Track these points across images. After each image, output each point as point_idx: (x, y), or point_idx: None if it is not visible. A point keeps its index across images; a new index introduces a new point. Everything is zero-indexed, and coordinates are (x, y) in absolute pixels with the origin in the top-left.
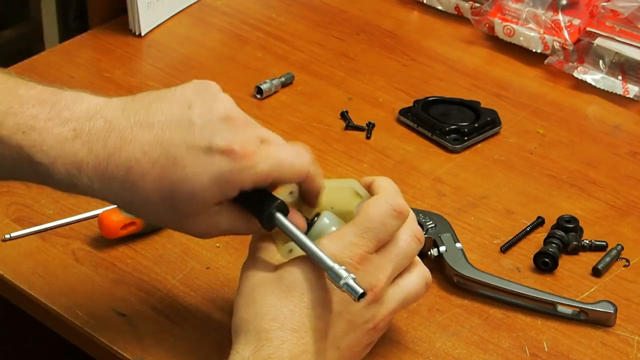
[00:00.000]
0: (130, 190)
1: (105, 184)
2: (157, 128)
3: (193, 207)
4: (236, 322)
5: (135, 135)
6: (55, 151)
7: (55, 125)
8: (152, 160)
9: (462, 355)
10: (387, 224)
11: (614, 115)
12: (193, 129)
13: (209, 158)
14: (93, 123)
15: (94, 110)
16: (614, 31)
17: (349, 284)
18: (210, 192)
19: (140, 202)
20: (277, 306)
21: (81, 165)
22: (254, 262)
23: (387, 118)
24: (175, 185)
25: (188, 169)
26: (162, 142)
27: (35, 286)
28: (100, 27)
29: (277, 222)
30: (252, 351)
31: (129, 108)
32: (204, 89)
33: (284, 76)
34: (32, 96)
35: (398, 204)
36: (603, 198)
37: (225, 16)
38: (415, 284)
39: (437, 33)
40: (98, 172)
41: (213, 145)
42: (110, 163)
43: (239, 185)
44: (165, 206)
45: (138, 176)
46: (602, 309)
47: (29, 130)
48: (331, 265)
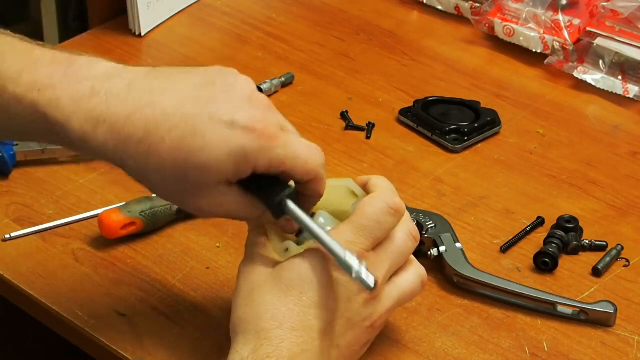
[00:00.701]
0: (144, 153)
1: (120, 144)
2: (180, 96)
3: (203, 179)
4: (235, 322)
5: (157, 98)
6: (71, 108)
7: (71, 82)
8: (172, 125)
9: (462, 355)
10: (383, 221)
11: (614, 115)
12: (216, 102)
13: (230, 131)
14: (112, 82)
15: (113, 71)
16: (614, 31)
17: (361, 275)
18: (225, 166)
19: (152, 166)
20: (275, 305)
21: (97, 123)
22: (252, 262)
23: (387, 118)
24: (191, 153)
25: (207, 138)
26: (183, 109)
27: (35, 286)
28: (100, 27)
29: (288, 209)
30: (251, 350)
31: (152, 73)
32: (227, 71)
33: (284, 76)
34: (47, 57)
35: (394, 201)
36: (603, 198)
37: (225, 16)
38: (411, 281)
39: (437, 33)
40: (114, 130)
41: (235, 120)
42: (128, 122)
43: (253, 164)
44: (176, 175)
45: (155, 139)
46: (602, 309)
47: (44, 88)
48: (343, 253)
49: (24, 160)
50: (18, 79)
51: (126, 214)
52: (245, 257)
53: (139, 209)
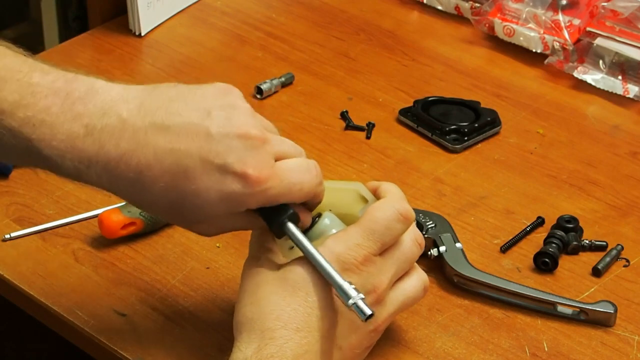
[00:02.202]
0: (139, 192)
1: (114, 182)
2: (173, 133)
3: (198, 216)
4: (239, 320)
5: (149, 139)
6: (65, 146)
7: (66, 119)
8: (163, 168)
9: (462, 355)
10: (392, 227)
11: (614, 115)
12: (209, 142)
13: (221, 177)
14: (106, 120)
15: (108, 106)
16: (614, 31)
17: (358, 305)
18: (217, 208)
19: (147, 203)
20: (281, 305)
21: (90, 163)
22: (257, 261)
23: (387, 118)
24: (183, 195)
25: (199, 182)
26: (176, 151)
27: (35, 286)
28: (100, 27)
29: (288, 232)
30: (255, 350)
31: (147, 105)
32: (225, 94)
33: (284, 76)
34: (45, 85)
35: (404, 208)
36: (603, 198)
37: (225, 16)
38: (414, 287)
39: (437, 33)
40: (107, 170)
41: (227, 166)
42: (121, 163)
43: (247, 206)
44: (172, 210)
45: (148, 181)
46: (602, 309)
47: (39, 123)
48: (341, 282)
49: None
50: (14, 113)
51: (126, 214)
52: (250, 256)
53: (139, 209)
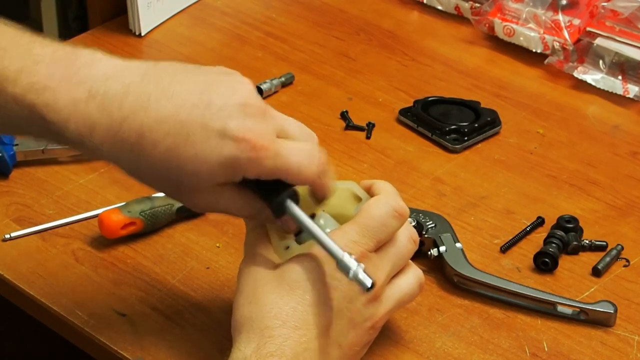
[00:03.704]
0: (138, 156)
1: (114, 147)
2: (175, 100)
3: (196, 184)
4: (237, 320)
5: (151, 103)
6: (68, 111)
7: (69, 85)
8: (164, 132)
9: (462, 355)
10: (387, 224)
11: (614, 115)
12: (210, 108)
13: (220, 141)
14: (109, 85)
15: (111, 72)
16: (614, 31)
17: (357, 276)
18: (215, 174)
19: (145, 168)
20: (279, 304)
21: (93, 127)
22: (254, 261)
23: (387, 118)
24: (182, 160)
25: (198, 147)
26: (177, 115)
27: (35, 286)
28: (100, 27)
29: (289, 210)
30: (255, 349)
31: (150, 74)
32: (228, 72)
33: (284, 76)
34: (47, 54)
35: (399, 205)
36: (603, 198)
37: (225, 16)
38: (410, 284)
39: (437, 33)
40: (109, 134)
41: (227, 130)
42: (123, 127)
43: (242, 173)
44: (169, 177)
45: (148, 144)
46: (602, 309)
47: (42, 89)
48: (341, 255)
49: (24, 160)
50: (16, 79)
51: (126, 214)
52: (246, 256)
53: (139, 209)
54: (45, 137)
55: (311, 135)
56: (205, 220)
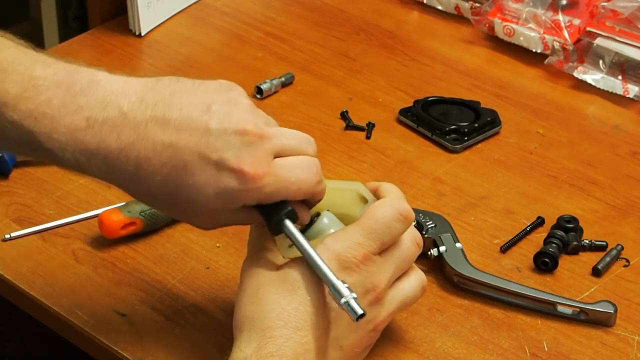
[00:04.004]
0: (137, 184)
1: (112, 175)
2: (172, 128)
3: (196, 210)
4: (239, 319)
5: (149, 132)
6: (66, 139)
7: (68, 112)
8: (162, 161)
9: (462, 355)
10: (392, 227)
11: (614, 115)
12: (207, 137)
13: (217, 172)
14: (107, 113)
15: (109, 99)
16: (614, 31)
17: (349, 304)
18: (214, 203)
19: (146, 195)
20: (281, 304)
21: (91, 155)
22: (257, 260)
23: (387, 118)
24: (181, 189)
25: (196, 177)
26: (175, 145)
27: (35, 286)
28: (100, 27)
29: (286, 229)
30: (255, 349)
31: (148, 98)
32: (227, 90)
33: (284, 76)
34: (47, 77)
35: (405, 208)
36: (603, 198)
37: (225, 16)
38: (413, 287)
39: (437, 33)
40: (107, 162)
41: (224, 161)
42: (121, 156)
43: (243, 202)
44: (170, 203)
45: (147, 173)
46: (602, 309)
47: (41, 116)
48: (334, 281)
49: (24, 160)
50: (15, 105)
51: (126, 214)
52: (249, 255)
53: (139, 209)
54: (44, 161)
55: (308, 140)
56: None
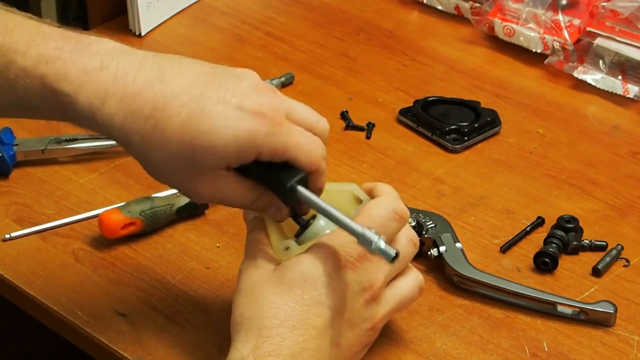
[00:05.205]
0: (150, 130)
1: (126, 120)
2: (189, 77)
3: (207, 161)
4: (236, 320)
5: (167, 77)
6: (80, 80)
7: (80, 56)
8: (181, 104)
9: (462, 355)
10: (387, 226)
11: (614, 115)
12: (225, 88)
13: (239, 114)
14: (123, 58)
15: (123, 48)
16: (614, 31)
17: (380, 247)
18: (230, 149)
19: (156, 144)
20: (277, 303)
21: (106, 96)
22: (253, 261)
23: (387, 118)
24: (199, 134)
25: (215, 120)
26: (192, 91)
27: (35, 286)
28: (100, 27)
29: (300, 194)
30: (252, 348)
31: (163, 56)
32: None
33: (284, 76)
34: (55, 32)
35: (400, 207)
36: (603, 198)
37: (225, 16)
38: (410, 286)
39: (437, 33)
40: (122, 105)
41: (244, 105)
42: (137, 98)
43: (259, 149)
44: (180, 154)
45: (163, 117)
46: (602, 309)
47: (52, 60)
48: (361, 230)
49: (24, 160)
50: (26, 52)
51: (126, 214)
52: (246, 256)
53: (139, 209)
54: (56, 114)
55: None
56: (205, 220)
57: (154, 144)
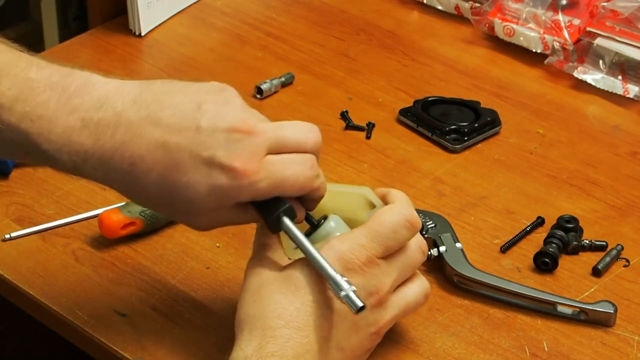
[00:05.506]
0: (132, 183)
1: (107, 175)
2: (165, 127)
3: (190, 209)
4: (241, 318)
5: (142, 131)
6: (62, 140)
7: (63, 113)
8: (155, 160)
9: (462, 355)
10: (398, 232)
11: (614, 115)
12: (198, 135)
13: (209, 170)
14: (102, 113)
15: (104, 99)
16: (614, 31)
17: (349, 296)
18: (207, 201)
19: (140, 195)
20: (283, 304)
21: (86, 155)
22: (261, 260)
23: (387, 118)
24: (174, 188)
25: (189, 176)
26: (167, 144)
27: (35, 286)
28: (100, 27)
29: (284, 226)
30: (256, 348)
31: (141, 99)
32: (219, 90)
33: (284, 76)
34: (42, 79)
35: (412, 215)
36: (603, 198)
37: (225, 16)
38: (416, 293)
39: (437, 33)
40: (102, 162)
41: (215, 159)
42: (115, 156)
43: (236, 200)
44: (164, 203)
45: (141, 172)
46: (602, 309)
47: (37, 118)
48: (333, 275)
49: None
50: (12, 108)
51: (126, 214)
52: (254, 255)
53: (139, 209)
54: (41, 164)
55: (309, 129)
56: None
57: (137, 194)
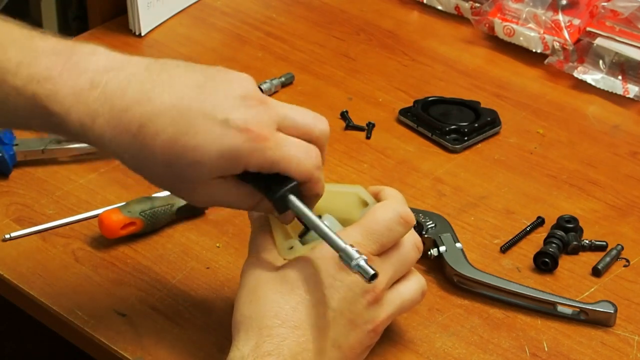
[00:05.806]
0: (139, 146)
1: (115, 137)
2: (177, 91)
3: (196, 175)
4: (237, 319)
5: (154, 93)
6: (70, 100)
7: (71, 75)
8: (166, 122)
9: (462, 355)
10: (392, 229)
11: (614, 115)
12: (212, 100)
13: (223, 130)
14: (112, 75)
15: (113, 64)
16: (614, 31)
17: (360, 265)
18: (216, 164)
19: (145, 159)
20: (279, 303)
21: (95, 116)
22: (257, 260)
23: (387, 118)
24: (183, 150)
25: (200, 137)
26: (179, 106)
27: (35, 286)
28: (100, 27)
29: (291, 204)
30: (253, 347)
31: (153, 67)
32: (227, 69)
33: (284, 76)
34: (47, 47)
35: (406, 212)
36: (603, 198)
37: (225, 16)
38: (412, 290)
39: (437, 33)
40: (111, 124)
41: (230, 120)
42: (125, 117)
43: (244, 164)
44: (170, 169)
45: (150, 134)
46: (602, 309)
47: (43, 80)
48: (343, 246)
49: (24, 160)
50: (17, 71)
51: (126, 214)
52: (250, 255)
53: (139, 209)
54: (48, 129)
55: (315, 117)
56: (205, 220)
57: (144, 160)
